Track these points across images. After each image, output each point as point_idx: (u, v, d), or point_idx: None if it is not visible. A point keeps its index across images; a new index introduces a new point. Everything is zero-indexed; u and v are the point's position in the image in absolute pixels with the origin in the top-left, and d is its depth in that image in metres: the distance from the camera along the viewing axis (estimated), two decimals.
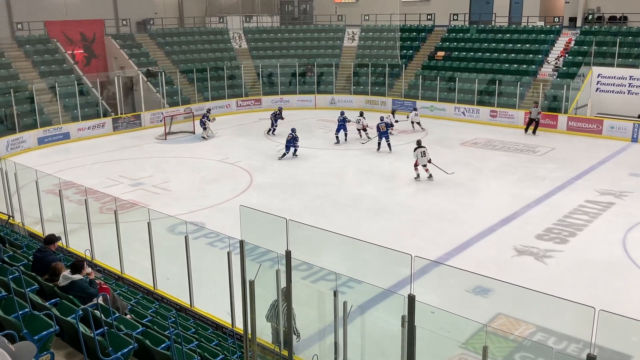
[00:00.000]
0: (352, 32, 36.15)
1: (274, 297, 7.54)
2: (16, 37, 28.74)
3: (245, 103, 31.85)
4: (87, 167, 20.59)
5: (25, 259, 8.52)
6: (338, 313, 6.62)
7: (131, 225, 12.00)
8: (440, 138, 24.60)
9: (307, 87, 33.10)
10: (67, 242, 12.46)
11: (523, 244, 13.39)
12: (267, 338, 8.07)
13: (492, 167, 20.29)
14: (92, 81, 28.00)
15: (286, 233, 6.59)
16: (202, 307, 10.07)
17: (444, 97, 29.63)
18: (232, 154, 22.11)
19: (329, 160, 21.35)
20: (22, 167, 13.98)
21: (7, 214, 13.98)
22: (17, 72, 26.57)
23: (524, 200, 16.44)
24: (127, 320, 6.89)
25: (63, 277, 7.18)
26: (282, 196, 17.32)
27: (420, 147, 18.37)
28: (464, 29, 33.38)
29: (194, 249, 10.15)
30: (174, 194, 17.61)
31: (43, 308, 5.90)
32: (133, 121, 27.51)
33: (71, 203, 14.14)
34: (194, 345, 7.08)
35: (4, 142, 22.52)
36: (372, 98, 31.76)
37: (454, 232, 14.20)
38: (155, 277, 10.76)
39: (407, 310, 5.30)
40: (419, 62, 32.80)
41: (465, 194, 17.32)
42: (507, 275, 11.03)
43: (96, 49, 30.85)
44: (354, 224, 14.59)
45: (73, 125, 25.50)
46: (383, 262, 9.43)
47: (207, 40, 35.29)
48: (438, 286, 10.47)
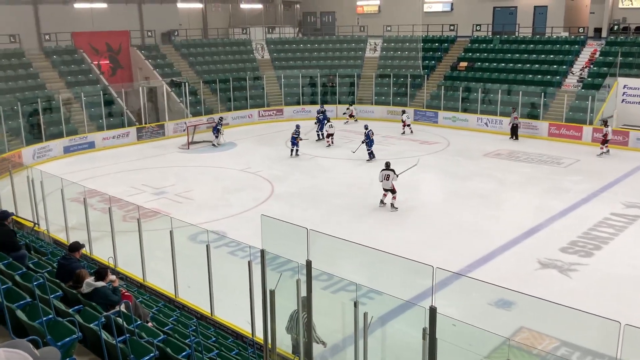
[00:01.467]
0: (374, 43, 36.20)
1: (294, 307, 7.53)
2: (44, 48, 29.36)
3: (267, 113, 32.05)
4: (111, 176, 20.87)
5: (49, 266, 8.64)
6: (358, 324, 6.58)
7: (153, 233, 12.11)
8: (462, 149, 24.44)
9: (329, 98, 33.19)
10: (90, 249, 12.62)
11: (547, 256, 13.19)
12: (287, 348, 8.06)
13: (516, 178, 20.07)
14: (117, 91, 28.44)
15: (307, 243, 6.59)
16: (223, 316, 10.10)
17: (466, 107, 29.46)
18: (253, 164, 22.23)
19: (350, 170, 21.34)
20: (48, 176, 14.22)
21: (33, 221, 14.21)
22: (44, 82, 27.11)
23: (548, 212, 16.22)
24: (148, 328, 6.94)
25: (86, 284, 7.26)
26: (302, 206, 17.34)
27: (385, 170, 16.74)
28: (487, 40, 33.21)
29: (215, 258, 10.20)
30: (196, 202, 17.75)
31: (66, 314, 5.97)
32: (157, 131, 27.85)
33: (95, 211, 14.33)
34: (214, 354, 7.10)
35: (31, 150, 22.96)
36: (394, 108, 31.69)
37: (476, 244, 14.06)
38: (176, 285, 10.84)
39: (428, 323, 5.25)
40: (441, 73, 32.69)
41: (488, 205, 17.15)
42: (531, 289, 10.86)
43: (122, 60, 31.36)
44: (374, 235, 14.54)
45: (98, 134, 25.90)
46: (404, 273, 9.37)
47: (230, 51, 35.65)
48: (460, 299, 10.35)
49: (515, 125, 26.01)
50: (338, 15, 41.89)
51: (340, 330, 7.81)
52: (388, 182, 16.58)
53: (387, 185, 16.65)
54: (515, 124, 26.00)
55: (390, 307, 7.22)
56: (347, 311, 6.95)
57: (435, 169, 21.56)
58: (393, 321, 7.44)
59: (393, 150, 24.57)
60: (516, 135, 26.01)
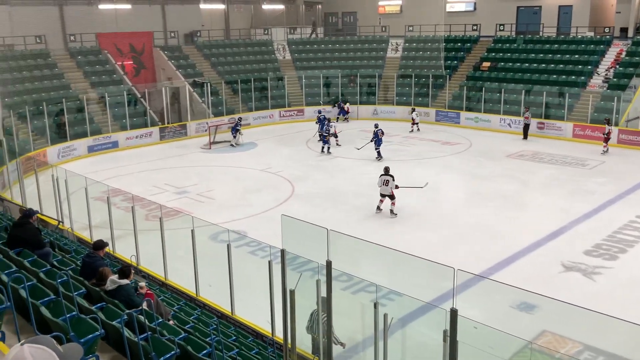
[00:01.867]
0: (396, 43, 36.06)
1: (313, 307, 7.53)
2: (69, 48, 29.83)
3: (288, 113, 32.13)
4: (134, 175, 21.10)
5: (73, 264, 8.76)
6: (378, 325, 6.56)
7: (175, 232, 12.22)
8: (484, 150, 24.22)
9: (350, 98, 33.16)
10: (113, 247, 12.77)
11: (571, 259, 13.00)
12: (306, 348, 8.06)
13: (539, 180, 19.83)
14: (141, 91, 28.77)
15: (327, 243, 6.58)
16: (243, 315, 10.15)
17: (489, 108, 29.17)
18: (274, 164, 22.30)
19: (371, 171, 21.25)
20: (72, 175, 14.45)
21: (57, 219, 14.44)
22: (69, 83, 27.54)
23: (572, 214, 15.99)
24: (170, 326, 7.00)
25: (111, 281, 7.35)
26: (323, 206, 17.34)
27: (384, 175, 16.13)
28: (511, 40, 32.85)
29: (236, 257, 10.25)
30: (217, 202, 17.86)
31: (90, 312, 6.05)
32: (179, 131, 28.11)
33: (118, 210, 14.51)
34: (234, 352, 7.14)
35: (56, 149, 23.33)
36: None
37: (499, 246, 13.91)
38: (197, 284, 10.91)
39: (449, 325, 5.21)
40: (464, 73, 32.43)
41: (510, 207, 16.97)
42: (554, 292, 10.71)
43: (145, 60, 31.71)
44: (394, 236, 14.48)
45: (122, 134, 26.23)
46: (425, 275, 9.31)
47: (251, 51, 35.82)
48: (481, 301, 10.26)
49: (526, 124, 26.05)
50: (360, 15, 41.81)
51: (360, 331, 7.79)
52: (387, 188, 15.99)
53: (386, 191, 16.03)
54: (526, 124, 26.06)
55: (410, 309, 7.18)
56: (367, 312, 6.93)
57: (457, 169, 21.40)
58: (413, 323, 7.40)
59: (414, 150, 24.48)
60: (525, 135, 26.06)
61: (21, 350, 2.22)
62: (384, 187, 16.08)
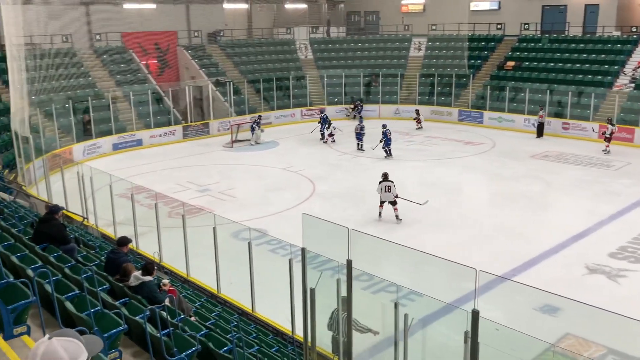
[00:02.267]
0: (419, 42, 35.85)
1: (334, 306, 7.54)
2: (94, 47, 30.24)
3: (309, 112, 32.14)
4: (157, 173, 21.32)
5: (98, 259, 8.89)
6: (399, 326, 6.54)
7: (197, 229, 12.32)
8: (508, 150, 23.97)
9: (372, 97, 33.07)
10: (137, 244, 12.93)
11: (595, 262, 12.81)
12: (326, 347, 8.07)
13: (564, 181, 19.56)
14: (165, 90, 29.06)
15: (347, 242, 6.58)
16: (264, 313, 10.20)
17: (513, 108, 28.84)
18: (295, 163, 22.35)
19: (392, 171, 21.11)
20: (97, 172, 14.67)
21: (82, 215, 14.66)
22: (95, 81, 27.93)
23: (597, 216, 15.75)
24: (191, 322, 7.07)
25: (134, 277, 7.45)
26: (343, 205, 17.33)
27: (385, 181, 15.63)
28: (536, 39, 32.44)
29: (257, 255, 10.31)
30: (238, 200, 17.97)
31: (113, 307, 6.13)
32: (202, 129, 28.34)
33: (142, 207, 14.67)
34: (254, 350, 7.18)
35: (81, 147, 23.69)
36: (438, 109, 31.34)
37: (522, 247, 13.76)
38: (219, 281, 11.00)
39: (470, 326, 5.18)
40: (488, 72, 32.12)
41: (534, 208, 16.76)
42: (577, 294, 10.53)
43: (169, 59, 32.01)
44: (415, 236, 14.40)
45: (146, 132, 26.52)
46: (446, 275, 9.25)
47: (274, 50, 35.93)
48: (503, 303, 10.16)
49: (541, 123, 26.23)
50: (382, 14, 41.65)
51: (380, 330, 7.77)
52: (390, 194, 15.48)
53: (388, 197, 15.51)
54: (541, 122, 26.23)
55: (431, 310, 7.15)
56: (387, 312, 6.92)
57: (480, 170, 21.21)
58: (434, 323, 7.37)
59: (437, 150, 24.33)
60: (541, 133, 26.23)
61: (51, 344, 2.25)
62: (386, 194, 15.51)
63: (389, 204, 15.65)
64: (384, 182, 15.61)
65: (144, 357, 5.96)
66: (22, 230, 9.04)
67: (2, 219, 9.36)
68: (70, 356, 2.25)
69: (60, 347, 2.25)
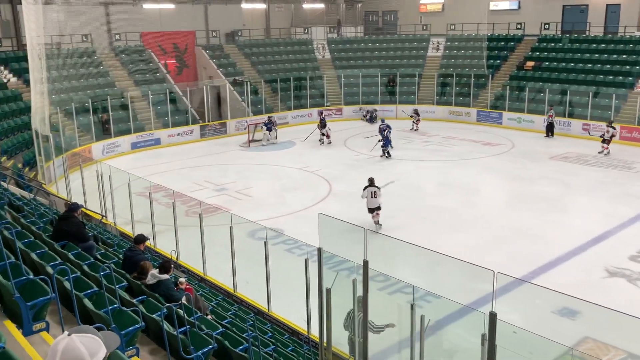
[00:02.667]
0: (437, 42, 35.66)
1: (350, 306, 7.52)
2: (114, 47, 30.53)
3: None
4: (175, 172, 21.46)
5: (116, 257, 8.97)
6: (415, 327, 6.51)
7: (214, 228, 12.37)
8: (527, 151, 23.74)
9: (389, 97, 32.95)
10: (154, 242, 13.03)
11: (615, 265, 12.63)
12: (342, 347, 8.06)
13: (583, 183, 19.32)
14: (183, 90, 29.25)
15: (364, 243, 6.57)
16: (279, 312, 10.21)
17: (533, 108, 28.55)
18: (312, 163, 22.35)
19: (409, 171, 21.12)
20: (116, 170, 14.79)
21: (101, 213, 14.80)
22: (114, 81, 28.20)
23: (616, 219, 15.52)
24: (208, 320, 7.09)
25: (152, 275, 7.50)
26: (359, 205, 17.26)
27: (371, 187, 14.94)
28: (556, 39, 32.09)
29: (273, 255, 10.32)
30: (255, 200, 18.01)
31: (131, 305, 6.18)
32: (219, 129, 28.48)
33: (160, 205, 14.77)
34: (270, 349, 7.19)
35: (100, 146, 23.94)
36: (456, 109, 31.14)
37: (540, 250, 13.61)
38: (235, 280, 11.04)
39: (487, 329, 5.13)
40: (507, 73, 31.85)
41: (553, 210, 16.58)
42: (597, 298, 10.40)
43: (187, 59, 32.21)
44: (432, 237, 14.30)
45: (164, 131, 26.72)
46: (463, 277, 9.19)
47: (291, 50, 35.99)
48: (521, 305, 10.07)
49: (550, 123, 26.33)
50: (400, 14, 41.51)
51: (396, 332, 7.74)
52: (376, 200, 14.84)
53: (374, 204, 14.85)
54: (550, 122, 26.31)
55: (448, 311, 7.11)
56: (403, 313, 6.89)
57: (498, 171, 21.04)
58: (451, 325, 7.32)
59: (454, 151, 24.18)
60: (552, 133, 26.30)
61: (71, 340, 2.27)
62: (373, 200, 14.82)
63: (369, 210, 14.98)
64: (370, 187, 14.93)
65: (160, 354, 6.00)
66: (41, 227, 9.15)
67: (22, 217, 9.48)
68: (90, 352, 2.27)
69: (80, 344, 2.27)
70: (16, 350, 4.15)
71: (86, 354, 2.26)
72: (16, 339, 4.65)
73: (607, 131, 22.74)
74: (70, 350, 2.25)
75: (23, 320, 4.85)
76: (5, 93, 23.21)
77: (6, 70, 24.93)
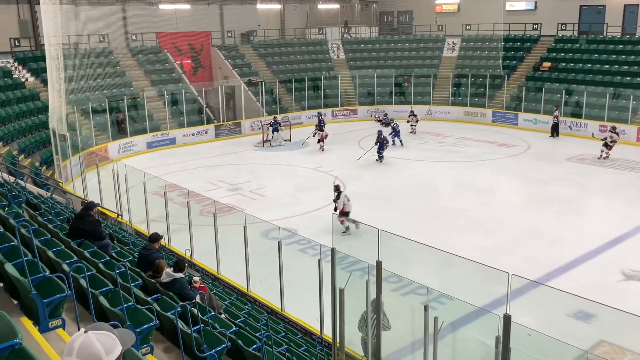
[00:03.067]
0: (452, 42, 35.49)
1: (363, 307, 7.51)
2: (130, 47, 30.79)
3: (340, 113, 32.14)
4: (189, 171, 21.58)
5: (131, 256, 9.03)
6: (428, 329, 6.48)
7: (228, 228, 12.42)
8: (543, 152, 23.55)
9: (404, 98, 32.85)
10: (169, 241, 13.11)
11: (631, 268, 12.47)
12: (355, 348, 8.05)
13: (600, 185, 19.11)
14: (198, 90, 29.41)
15: (377, 243, 6.55)
16: (292, 312, 10.23)
17: (549, 109, 28.29)
18: (326, 163, 22.35)
19: (424, 172, 21.04)
20: (132, 169, 14.91)
21: (117, 212, 14.93)
22: (131, 80, 28.43)
23: (633, 221, 15.34)
24: (221, 319, 7.13)
25: (166, 273, 7.55)
26: (373, 206, 17.26)
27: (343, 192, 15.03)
28: (573, 39, 31.79)
29: (286, 255, 10.34)
30: (269, 199, 18.06)
31: (145, 303, 6.22)
32: (233, 129, 28.59)
33: (174, 204, 14.87)
34: (283, 349, 7.20)
35: (116, 145, 24.14)
36: (471, 109, 30.97)
37: (555, 252, 13.50)
38: (248, 279, 11.07)
39: (502, 331, 5.10)
40: (523, 73, 31.62)
41: (568, 212, 16.43)
42: (613, 301, 10.29)
43: (203, 60, 32.37)
44: (446, 239, 14.23)
45: (179, 131, 26.88)
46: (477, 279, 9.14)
47: (306, 51, 36.03)
48: (536, 308, 9.98)
49: (556, 123, 26.41)
50: (416, 14, 41.37)
51: (409, 333, 7.72)
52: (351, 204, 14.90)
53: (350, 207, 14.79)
54: (555, 122, 26.34)
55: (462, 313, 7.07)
56: (416, 315, 6.86)
57: (513, 172, 20.89)
58: (465, 327, 7.28)
59: (469, 152, 24.05)
60: (557, 132, 26.43)
61: (87, 337, 2.29)
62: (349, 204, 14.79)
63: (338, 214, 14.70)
64: (342, 193, 14.95)
65: (174, 352, 6.04)
66: (58, 226, 9.24)
67: (40, 215, 9.59)
68: (106, 349, 2.29)
69: (96, 340, 2.29)
70: (32, 346, 4.20)
71: (102, 351, 2.28)
72: (32, 336, 4.70)
73: (609, 136, 22.36)
74: (87, 347, 2.27)
75: (39, 317, 4.91)
76: (23, 92, 23.49)
77: (24, 70, 25.24)
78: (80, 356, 2.26)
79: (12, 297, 5.48)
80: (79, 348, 2.27)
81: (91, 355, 2.27)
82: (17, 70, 24.89)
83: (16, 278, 5.07)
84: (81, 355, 2.26)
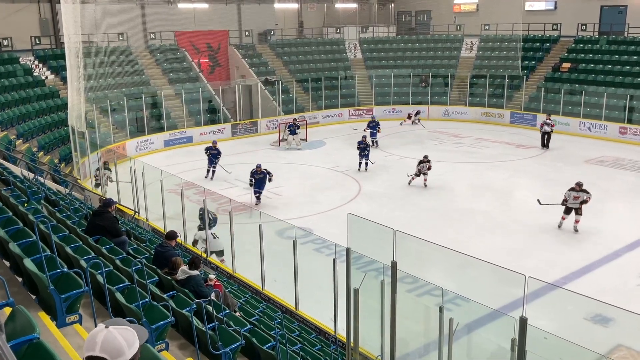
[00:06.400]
0: (471, 42, 35.25)
1: (377, 307, 7.49)
2: (149, 46, 31.02)
3: (357, 112, 32.08)
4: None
5: (147, 252, 9.10)
6: (443, 330, 6.45)
7: (244, 226, 12.47)
8: (561, 154, 23.29)
9: (421, 98, 32.70)
10: (185, 238, 13.20)
11: None
12: (369, 348, 8.04)
13: (620, 187, 18.86)
14: (215, 89, 29.54)
15: (393, 244, 6.53)
16: (307, 311, 10.23)
17: (568, 111, 28.00)
18: (342, 163, 22.32)
19: (441, 173, 20.90)
20: (149, 167, 15.02)
21: (134, 209, 15.05)
22: (149, 79, 28.65)
23: None
24: (236, 317, 7.16)
25: (182, 271, 7.60)
26: (390, 206, 17.21)
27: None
28: (593, 40, 31.39)
29: (301, 254, 10.34)
30: (284, 199, 18.08)
31: (161, 299, 6.27)
32: (250, 127, 28.68)
33: (191, 202, 14.96)
34: (297, 347, 7.21)
35: (134, 143, 24.35)
36: (489, 110, 30.74)
37: (573, 254, 13.35)
38: (263, 278, 11.10)
39: (517, 334, 5.06)
40: (542, 74, 31.30)
41: (588, 215, 16.19)
42: (631, 305, 10.15)
43: (220, 58, 32.52)
44: (463, 240, 14.15)
45: (196, 129, 27.04)
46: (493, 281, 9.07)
47: (323, 50, 36.02)
48: (553, 311, 9.88)
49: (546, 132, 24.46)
50: (434, 14, 41.13)
51: (423, 334, 7.69)
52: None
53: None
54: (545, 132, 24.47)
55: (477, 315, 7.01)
56: (431, 316, 6.83)
57: (531, 174, 20.69)
58: (480, 329, 7.23)
59: (487, 153, 23.87)
60: (547, 144, 24.46)
61: (110, 332, 2.34)
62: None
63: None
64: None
65: (189, 349, 6.07)
66: (76, 222, 9.34)
67: (58, 211, 9.70)
68: (128, 343, 2.34)
69: (118, 335, 2.34)
70: (50, 341, 4.25)
71: (125, 344, 2.32)
72: (50, 330, 4.76)
73: (575, 197, 15.58)
74: (110, 342, 2.32)
75: (57, 312, 4.96)
76: (43, 90, 23.80)
77: (44, 68, 25.56)
78: (103, 350, 2.30)
79: (30, 292, 5.55)
80: (102, 342, 2.31)
81: (114, 349, 2.30)
82: (37, 68, 25.22)
83: (35, 273, 5.14)
84: (105, 349, 2.30)
